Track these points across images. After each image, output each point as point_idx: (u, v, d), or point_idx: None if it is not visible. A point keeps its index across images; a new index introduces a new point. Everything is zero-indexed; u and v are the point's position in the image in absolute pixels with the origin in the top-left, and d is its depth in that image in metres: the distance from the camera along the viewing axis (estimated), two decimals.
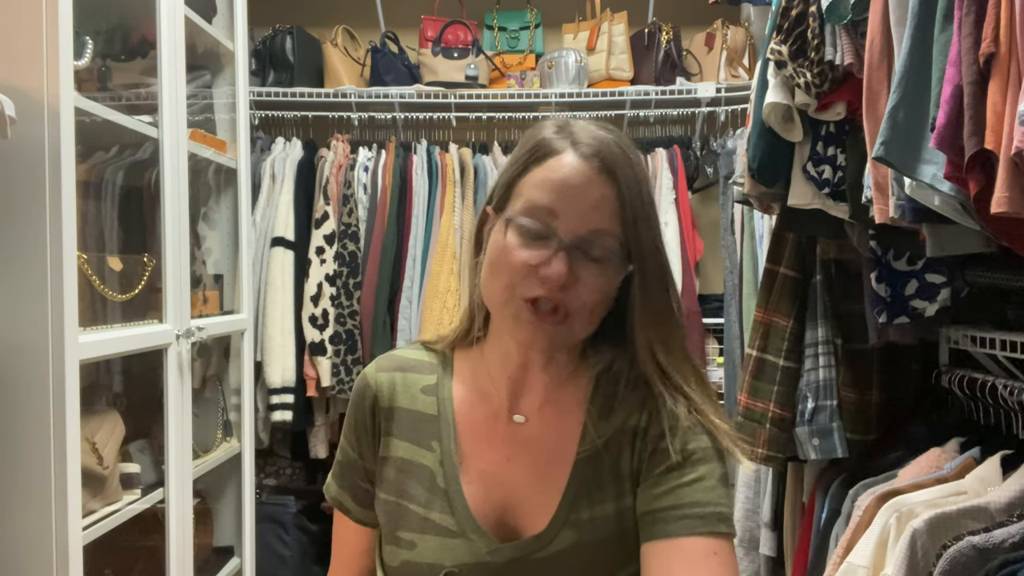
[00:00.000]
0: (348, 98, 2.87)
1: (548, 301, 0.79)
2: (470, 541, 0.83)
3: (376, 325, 2.71)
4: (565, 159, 0.81)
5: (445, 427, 0.89)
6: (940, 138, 0.95)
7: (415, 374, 0.92)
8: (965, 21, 0.94)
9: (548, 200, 0.80)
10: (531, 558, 0.83)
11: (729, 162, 2.68)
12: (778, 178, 1.58)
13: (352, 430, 0.94)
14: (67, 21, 1.46)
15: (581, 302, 0.80)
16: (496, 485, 0.86)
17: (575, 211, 0.79)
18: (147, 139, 1.87)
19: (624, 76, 2.95)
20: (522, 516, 0.85)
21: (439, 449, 0.88)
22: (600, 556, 0.83)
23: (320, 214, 2.75)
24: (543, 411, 0.88)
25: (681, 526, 0.78)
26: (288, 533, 2.73)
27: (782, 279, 1.73)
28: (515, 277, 0.80)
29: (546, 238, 0.80)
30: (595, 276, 0.80)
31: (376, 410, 0.91)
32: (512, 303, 0.81)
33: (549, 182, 0.81)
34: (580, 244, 0.79)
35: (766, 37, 1.52)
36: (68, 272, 1.45)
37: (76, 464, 1.47)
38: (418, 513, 0.86)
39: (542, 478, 0.86)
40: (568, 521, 0.83)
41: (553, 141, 0.83)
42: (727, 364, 2.67)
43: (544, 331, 0.80)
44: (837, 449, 1.58)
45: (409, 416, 0.90)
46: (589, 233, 0.79)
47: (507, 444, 0.88)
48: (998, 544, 1.07)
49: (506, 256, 0.81)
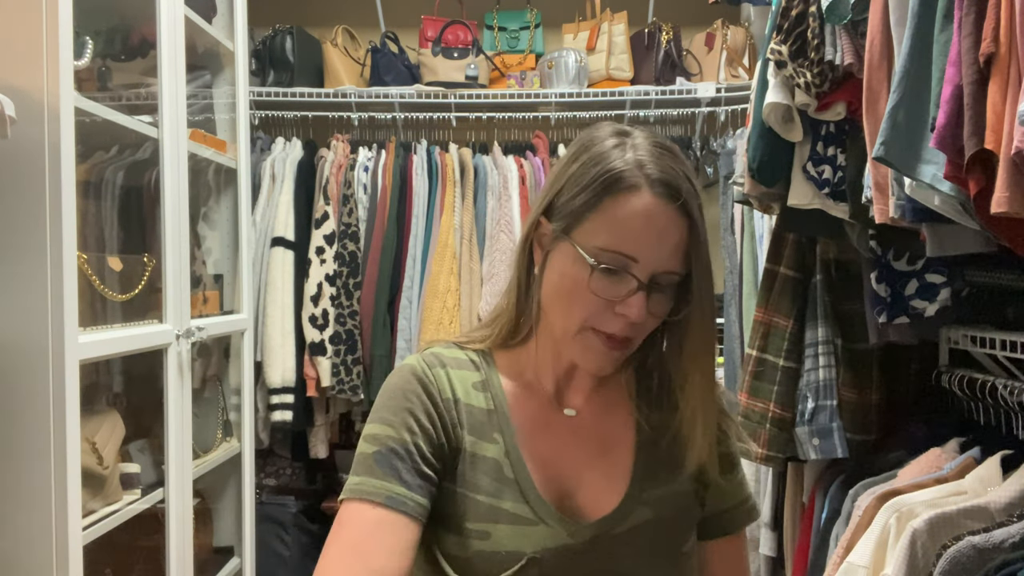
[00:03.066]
0: (348, 98, 2.87)
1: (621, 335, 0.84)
2: (549, 527, 0.86)
3: (376, 325, 2.71)
4: (643, 199, 0.81)
5: (503, 419, 0.91)
6: (940, 138, 0.95)
7: (462, 371, 0.93)
8: (965, 21, 0.94)
9: (628, 245, 0.81)
10: (609, 534, 0.87)
11: (729, 162, 2.68)
12: (778, 178, 1.58)
13: (411, 416, 0.87)
14: (67, 21, 1.46)
15: (643, 332, 0.86)
16: (557, 471, 0.89)
17: (655, 254, 0.82)
18: (147, 139, 1.87)
19: (624, 76, 2.95)
20: (586, 498, 0.89)
21: (502, 440, 0.89)
22: (668, 532, 0.90)
23: (320, 214, 2.75)
24: (590, 403, 0.94)
25: (738, 523, 0.97)
26: (288, 533, 2.73)
27: (782, 279, 1.73)
28: (590, 311, 0.83)
29: (623, 274, 0.82)
30: (661, 307, 0.85)
31: (444, 401, 0.90)
32: (585, 334, 0.85)
33: (628, 226, 0.81)
34: (654, 281, 0.83)
35: (766, 37, 1.52)
36: (68, 272, 1.45)
37: (76, 464, 1.47)
38: (487, 503, 0.87)
39: (604, 461, 0.91)
40: (641, 498, 0.89)
41: (630, 176, 0.82)
42: (727, 364, 2.67)
43: (607, 358, 0.86)
44: (837, 449, 1.58)
45: (469, 411, 0.91)
46: (665, 273, 0.83)
47: (563, 432, 0.92)
48: (998, 544, 1.07)
49: (582, 290, 0.83)
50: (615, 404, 0.95)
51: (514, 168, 2.81)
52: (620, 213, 0.81)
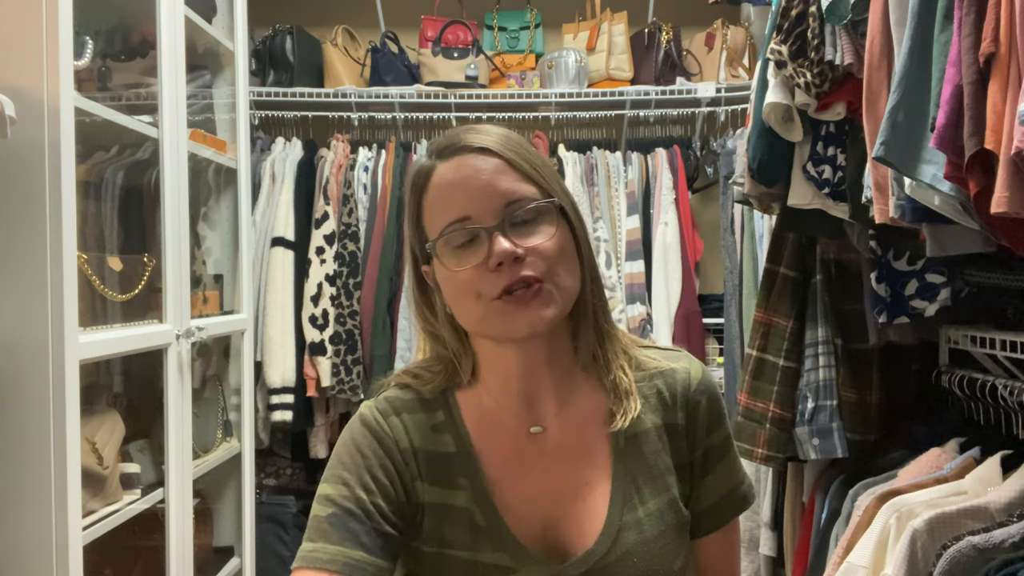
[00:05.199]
0: (348, 98, 2.87)
1: (518, 284, 0.78)
2: (530, 573, 0.82)
3: (376, 325, 2.71)
4: (437, 171, 0.83)
5: (470, 461, 0.85)
6: (940, 138, 0.95)
7: (420, 414, 0.88)
8: (965, 21, 0.94)
9: (452, 211, 0.80)
10: (599, 567, 0.82)
11: (729, 162, 2.68)
12: (778, 178, 1.58)
13: (368, 473, 0.82)
14: (67, 21, 1.46)
15: (544, 267, 0.79)
16: (536, 505, 0.85)
17: (480, 199, 0.80)
18: (147, 139, 1.87)
19: (624, 76, 2.95)
20: (570, 530, 0.84)
21: (469, 486, 0.84)
22: (660, 548, 0.85)
23: (320, 214, 2.75)
24: (562, 415, 0.88)
25: (730, 512, 0.91)
26: (288, 533, 2.73)
27: (782, 279, 1.73)
28: (476, 287, 0.79)
29: (474, 239, 0.80)
30: (537, 236, 0.80)
31: (402, 451, 0.85)
32: (489, 311, 0.80)
33: (441, 198, 0.82)
34: (503, 220, 0.79)
35: (766, 37, 1.52)
36: (68, 272, 1.45)
37: (76, 464, 1.47)
38: (464, 558, 0.83)
39: (582, 487, 0.86)
40: (623, 523, 0.84)
41: (424, 167, 0.84)
42: (727, 364, 2.67)
43: (529, 313, 0.79)
44: (837, 449, 1.58)
45: (428, 457, 0.86)
46: (504, 207, 0.80)
47: (537, 460, 0.86)
48: (998, 544, 1.07)
49: (457, 279, 0.81)
50: (587, 417, 0.88)
51: None
52: (431, 197, 0.83)
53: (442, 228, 0.81)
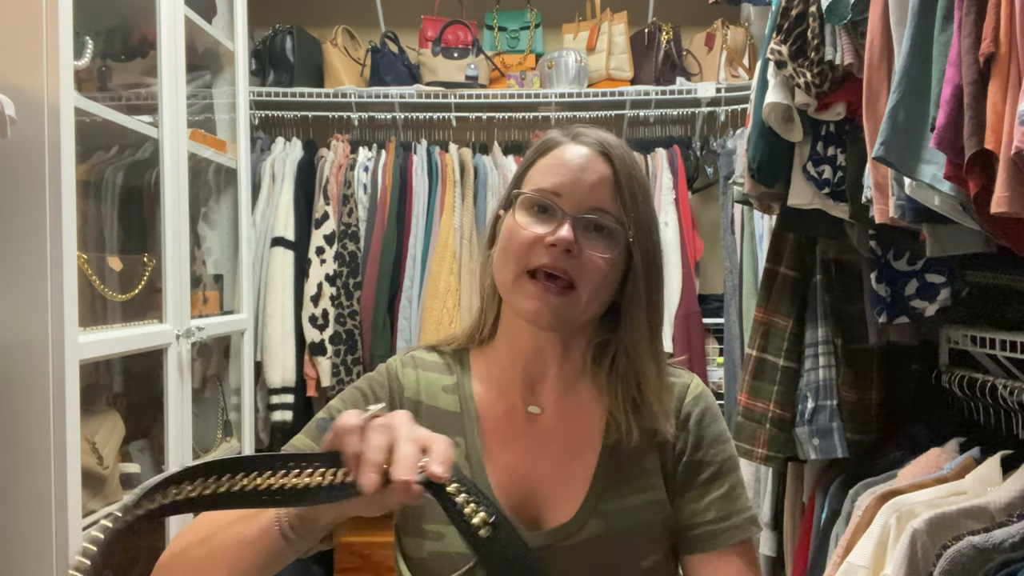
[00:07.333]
0: (348, 98, 2.87)
1: (554, 271, 0.84)
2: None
3: (376, 325, 2.71)
4: (566, 147, 0.90)
5: (469, 423, 0.92)
6: (940, 138, 0.95)
7: (435, 374, 0.96)
8: (965, 21, 0.94)
9: (551, 181, 0.88)
10: (558, 546, 0.86)
11: (729, 162, 2.68)
12: (778, 178, 1.57)
13: (365, 400, 0.91)
14: (67, 21, 1.46)
15: (584, 273, 0.85)
16: (520, 477, 0.89)
17: (577, 189, 0.87)
18: (147, 139, 1.87)
19: (624, 76, 2.95)
20: (547, 506, 0.88)
21: (464, 444, 0.90)
22: (625, 546, 0.87)
23: (320, 214, 2.75)
24: (561, 404, 0.93)
25: (726, 537, 0.90)
26: None
27: (782, 279, 1.73)
28: (523, 250, 0.86)
29: (552, 213, 0.87)
30: (598, 248, 0.86)
31: (405, 400, 0.93)
32: (519, 280, 0.86)
33: (551, 166, 0.89)
34: (583, 218, 0.86)
35: (766, 37, 1.52)
36: (68, 272, 1.45)
37: (76, 464, 1.47)
38: None
39: (567, 469, 0.89)
40: (596, 511, 0.87)
41: (556, 137, 0.92)
42: (727, 364, 2.67)
43: (548, 301, 0.85)
44: (837, 449, 1.58)
45: (432, 413, 0.92)
46: (591, 209, 0.87)
47: (528, 438, 0.91)
48: (998, 544, 1.07)
49: (515, 233, 0.87)
50: (587, 405, 0.93)
51: (514, 168, 2.81)
52: (544, 162, 0.91)
53: (535, 188, 0.89)
